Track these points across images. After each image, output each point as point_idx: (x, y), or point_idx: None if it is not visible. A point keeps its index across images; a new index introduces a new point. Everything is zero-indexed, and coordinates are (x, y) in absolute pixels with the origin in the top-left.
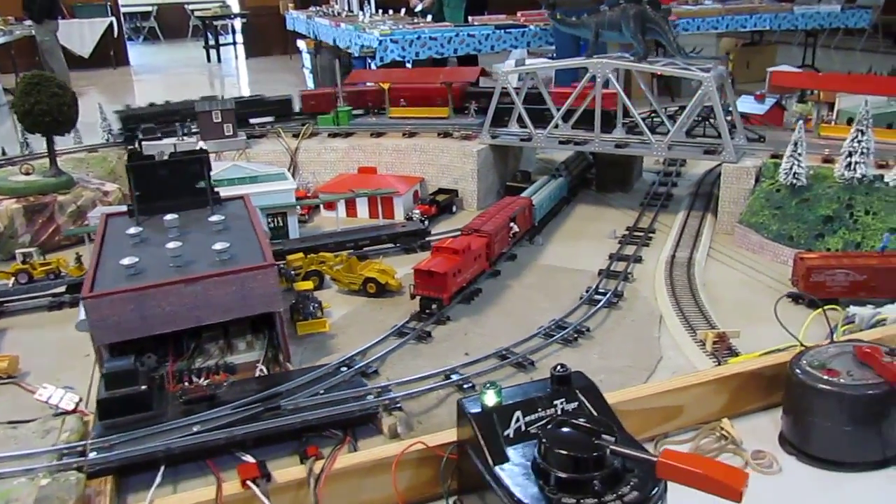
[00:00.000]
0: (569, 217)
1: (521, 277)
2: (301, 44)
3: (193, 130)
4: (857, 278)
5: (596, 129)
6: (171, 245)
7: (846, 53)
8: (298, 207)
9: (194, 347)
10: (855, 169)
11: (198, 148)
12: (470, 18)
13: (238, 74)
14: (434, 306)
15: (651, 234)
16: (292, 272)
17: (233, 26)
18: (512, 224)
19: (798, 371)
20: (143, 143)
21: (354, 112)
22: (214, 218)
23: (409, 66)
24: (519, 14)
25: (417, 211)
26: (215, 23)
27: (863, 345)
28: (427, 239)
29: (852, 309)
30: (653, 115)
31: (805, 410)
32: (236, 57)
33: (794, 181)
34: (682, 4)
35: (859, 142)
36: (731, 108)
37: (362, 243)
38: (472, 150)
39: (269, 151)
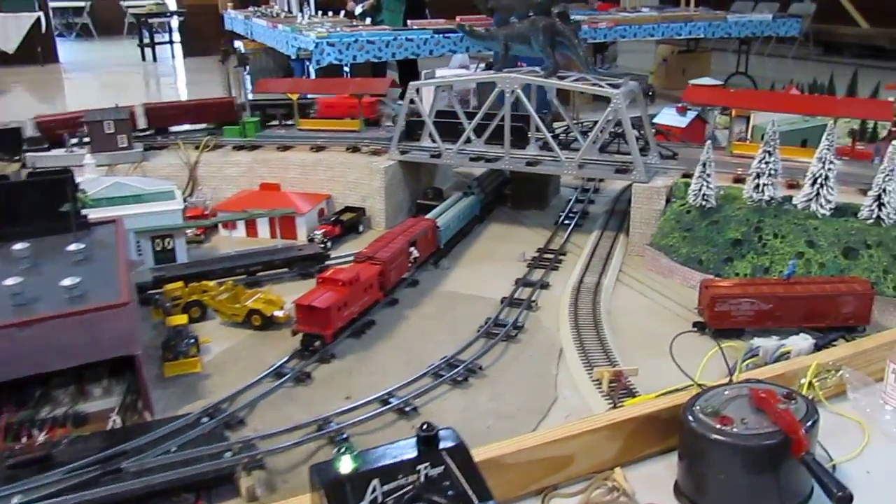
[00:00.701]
0: (480, 237)
1: (420, 307)
2: (238, 44)
3: (85, 141)
4: (763, 307)
5: (506, 146)
6: (9, 281)
7: (778, 61)
8: (191, 228)
9: (40, 395)
10: (763, 191)
11: (86, 162)
12: (409, 22)
13: (175, 75)
14: (317, 343)
15: (562, 256)
16: (168, 304)
17: (169, 24)
18: (412, 249)
19: (691, 418)
20: (28, 154)
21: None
22: (73, 247)
23: (347, 69)
24: (458, 18)
25: (319, 231)
26: (150, 20)
27: (759, 388)
28: (328, 262)
29: (756, 341)
30: (568, 131)
31: (699, 461)
32: (173, 56)
33: (703, 203)
34: (621, 11)
35: (766, 163)
36: (643, 124)
37: (254, 269)
38: (379, 166)
39: (166, 165)
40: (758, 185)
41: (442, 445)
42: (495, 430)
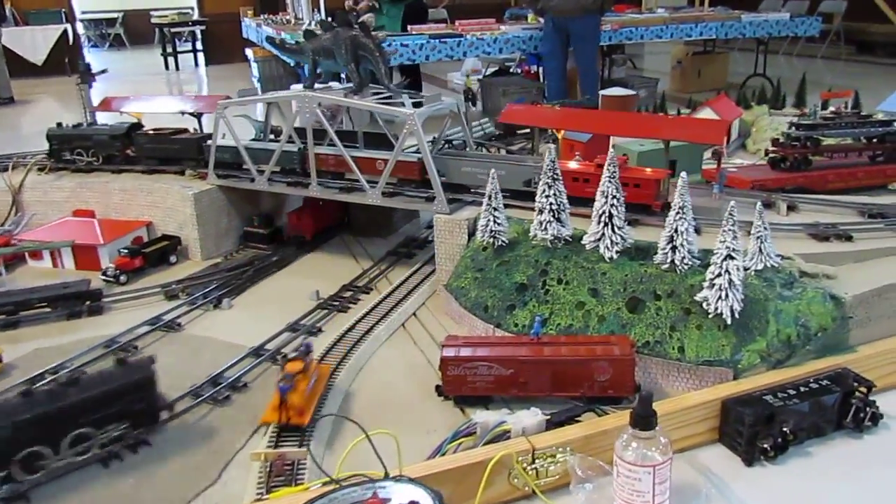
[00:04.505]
0: (289, 269)
1: (163, 352)
2: (248, 52)
3: None
4: (503, 373)
5: (312, 174)
6: None
7: (808, 61)
8: None
9: None
10: (546, 229)
11: None
12: (409, 28)
13: (195, 82)
14: None
15: (365, 294)
16: None
17: (193, 33)
18: None
19: None
20: None
21: None
22: None
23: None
24: (457, 23)
25: (112, 265)
26: (172, 30)
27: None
28: (106, 299)
29: (476, 416)
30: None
31: None
32: (196, 64)
33: (492, 240)
34: (635, 14)
35: (546, 196)
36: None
37: (5, 309)
38: (188, 192)
39: None
40: (541, 222)
41: None
42: None
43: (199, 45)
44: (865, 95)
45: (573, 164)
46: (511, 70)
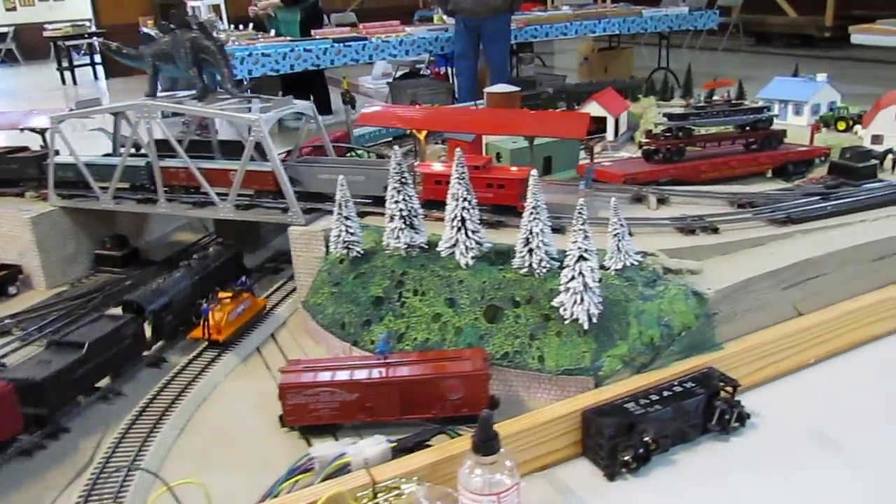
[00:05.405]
0: None
1: None
2: None
3: None
4: (348, 398)
5: (159, 189)
6: None
7: (710, 53)
8: None
9: None
10: (398, 237)
11: None
12: (313, 32)
13: (99, 96)
14: None
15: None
16: None
17: (91, 45)
18: None
19: None
20: None
21: None
22: None
23: (246, 83)
24: (361, 26)
25: None
26: (67, 43)
27: None
28: None
29: (314, 450)
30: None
31: None
32: (96, 78)
33: (346, 252)
34: (540, 11)
35: (396, 202)
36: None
37: None
38: (25, 216)
39: None
40: (393, 230)
41: None
42: None
43: (97, 58)
44: (761, 85)
45: (437, 167)
46: (421, 72)
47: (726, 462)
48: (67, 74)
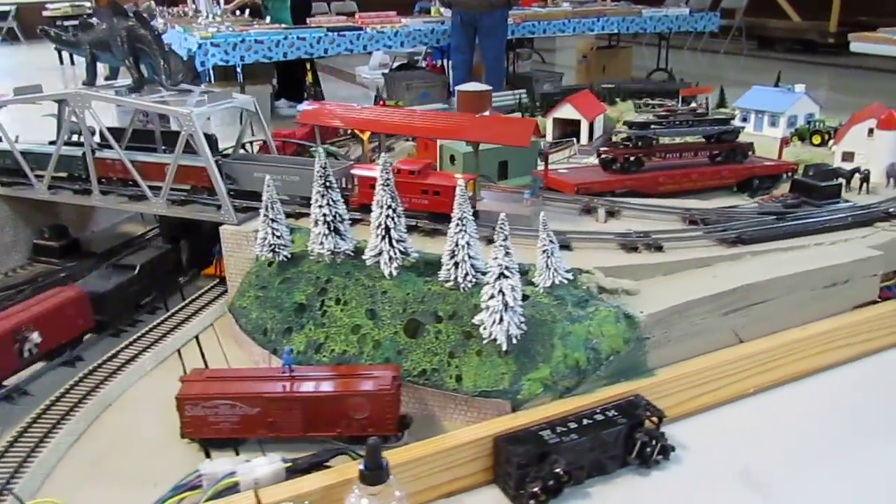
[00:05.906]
0: None
1: None
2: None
3: None
4: (249, 412)
5: (93, 180)
6: None
7: (711, 56)
8: None
9: None
10: (322, 243)
11: None
12: (308, 20)
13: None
14: None
15: (150, 313)
16: None
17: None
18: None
19: None
20: None
21: None
22: None
23: (239, 70)
24: (357, 16)
25: None
26: (66, 23)
27: None
28: None
29: (203, 466)
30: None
31: None
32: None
33: (273, 255)
34: (538, 7)
35: (320, 206)
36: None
37: None
38: None
39: None
40: (317, 235)
41: None
42: None
43: None
44: None
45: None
46: (417, 64)
47: (645, 498)
48: (66, 54)
